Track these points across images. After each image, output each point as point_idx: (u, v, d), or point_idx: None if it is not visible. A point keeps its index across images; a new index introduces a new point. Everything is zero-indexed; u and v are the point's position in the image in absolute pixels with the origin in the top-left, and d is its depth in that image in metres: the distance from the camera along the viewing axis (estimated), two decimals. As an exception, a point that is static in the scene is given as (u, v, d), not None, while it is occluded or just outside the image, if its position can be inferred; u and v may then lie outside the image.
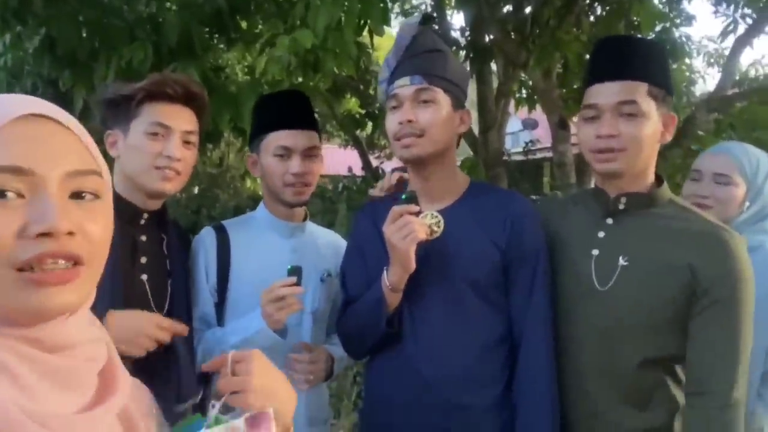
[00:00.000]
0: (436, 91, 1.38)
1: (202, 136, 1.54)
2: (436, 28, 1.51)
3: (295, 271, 1.39)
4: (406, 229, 1.27)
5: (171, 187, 1.38)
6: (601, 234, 1.34)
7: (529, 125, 9.15)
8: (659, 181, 1.35)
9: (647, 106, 1.27)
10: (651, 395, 1.29)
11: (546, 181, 9.01)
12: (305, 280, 1.54)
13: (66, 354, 0.57)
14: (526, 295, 1.36)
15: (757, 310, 1.23)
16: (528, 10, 3.08)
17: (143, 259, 1.39)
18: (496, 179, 3.43)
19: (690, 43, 4.90)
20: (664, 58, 1.38)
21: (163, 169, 1.35)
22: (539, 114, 5.02)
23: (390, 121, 1.40)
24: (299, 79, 2.46)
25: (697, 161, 1.77)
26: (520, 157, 5.93)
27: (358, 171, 5.74)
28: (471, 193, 1.46)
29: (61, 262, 0.55)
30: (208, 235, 1.62)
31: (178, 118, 1.38)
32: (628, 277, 1.28)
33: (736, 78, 4.25)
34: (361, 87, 3.67)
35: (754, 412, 1.43)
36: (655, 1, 3.67)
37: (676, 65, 4.78)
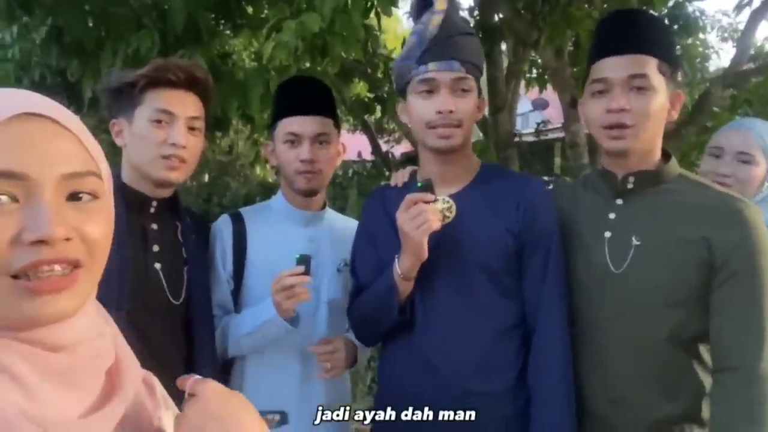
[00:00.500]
0: (471, 80, 1.36)
1: (211, 124, 1.53)
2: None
3: (304, 260, 1.38)
4: (420, 218, 1.25)
5: (177, 176, 1.37)
6: (612, 215, 1.32)
7: (539, 105, 9.05)
8: (666, 157, 1.33)
9: (657, 81, 1.25)
10: (677, 380, 1.26)
11: (557, 161, 8.93)
12: (321, 270, 1.53)
13: (70, 352, 0.55)
14: (539, 280, 1.34)
15: None
16: (538, -13, 3.02)
17: (155, 247, 1.38)
18: (508, 161, 3.40)
19: (704, 17, 4.80)
20: (671, 34, 1.37)
21: (168, 157, 1.34)
22: (549, 94, 4.95)
23: (423, 107, 1.35)
24: (307, 64, 2.44)
25: (717, 137, 1.74)
26: (531, 138, 5.86)
27: (367, 156, 5.72)
28: (482, 176, 1.44)
29: (57, 268, 0.53)
30: (224, 223, 1.62)
31: (182, 104, 1.37)
32: (642, 256, 1.26)
33: (751, 53, 4.15)
34: (369, 71, 3.62)
35: None
36: (669, -25, 3.60)
37: (690, 40, 4.69)
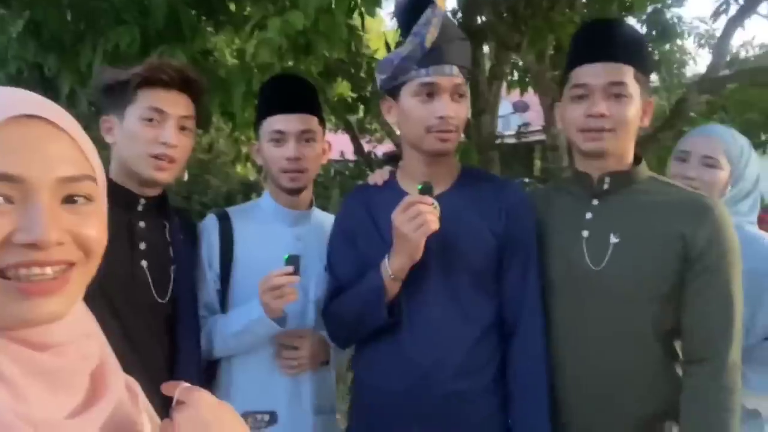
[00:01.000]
0: (465, 85, 1.38)
1: (191, 122, 1.51)
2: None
3: (293, 260, 1.38)
4: (419, 219, 1.25)
5: (164, 176, 1.36)
6: (588, 215, 1.36)
7: (519, 108, 9.12)
8: (637, 160, 1.39)
9: (634, 89, 1.30)
10: (657, 375, 1.31)
11: (538, 164, 9.01)
12: (309, 269, 1.53)
13: (57, 351, 0.55)
14: (520, 282, 1.37)
15: None
16: (520, -9, 3.04)
17: (142, 245, 1.37)
18: (490, 163, 3.42)
19: (681, 23, 4.88)
20: (646, 45, 1.43)
21: (158, 157, 1.33)
22: (529, 96, 4.99)
23: (422, 110, 1.35)
24: (290, 63, 2.43)
25: (684, 142, 1.80)
26: (512, 140, 5.91)
27: (349, 155, 5.71)
28: (464, 179, 1.46)
29: (48, 270, 0.53)
30: (211, 222, 1.61)
31: (174, 103, 1.37)
32: (621, 253, 1.29)
33: (727, 59, 4.24)
34: (352, 70, 3.61)
35: None
36: (648, -19, 3.64)
37: (668, 46, 4.77)
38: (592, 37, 1.36)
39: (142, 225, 1.39)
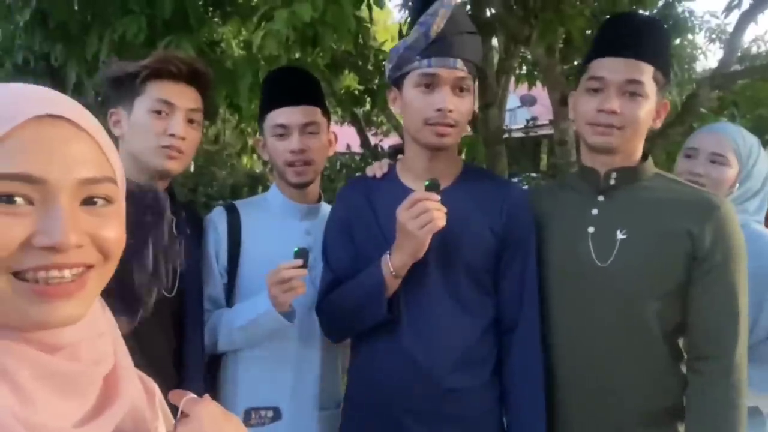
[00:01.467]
0: (470, 79, 1.35)
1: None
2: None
3: (302, 253, 1.36)
4: (425, 216, 1.23)
5: (175, 166, 1.37)
6: (594, 211, 1.35)
7: (527, 102, 9.09)
8: (644, 157, 1.38)
9: (650, 89, 1.28)
10: (663, 371, 1.30)
11: (545, 158, 8.98)
12: (318, 263, 1.52)
13: (69, 354, 0.54)
14: (519, 281, 1.37)
15: None
16: (531, -17, 3.01)
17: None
18: (497, 157, 3.40)
19: (693, 18, 4.83)
20: (669, 45, 1.40)
21: (167, 148, 1.33)
22: (537, 91, 4.96)
23: (422, 101, 1.33)
24: (297, 55, 2.41)
25: (692, 138, 1.80)
26: (520, 135, 5.88)
27: (356, 148, 5.70)
28: (466, 175, 1.45)
29: (66, 273, 0.52)
30: (219, 215, 1.60)
31: (183, 96, 1.37)
32: (628, 249, 1.29)
33: (738, 55, 4.19)
34: (359, 63, 3.59)
35: None
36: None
37: (678, 41, 4.72)
38: (617, 30, 1.33)
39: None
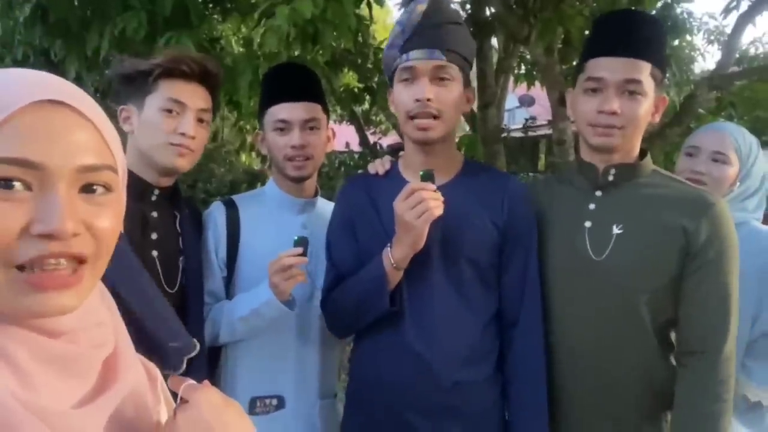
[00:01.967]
0: (453, 69, 1.34)
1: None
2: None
3: (302, 241, 1.38)
4: (421, 206, 1.24)
5: (184, 163, 1.38)
6: (591, 206, 1.37)
7: (525, 102, 9.09)
8: (642, 154, 1.40)
9: (648, 86, 1.29)
10: (652, 365, 1.32)
11: (543, 158, 8.99)
12: (315, 257, 1.53)
13: (69, 338, 0.54)
14: (521, 275, 1.38)
15: (741, 282, 1.29)
16: (530, -17, 3.01)
17: (154, 235, 1.39)
18: (495, 156, 3.40)
19: (692, 19, 4.84)
20: (665, 40, 1.40)
21: (177, 146, 1.35)
22: (535, 91, 4.97)
23: (403, 95, 1.34)
24: (297, 52, 2.41)
25: (694, 137, 1.81)
26: (518, 134, 5.89)
27: (355, 146, 5.70)
28: (467, 170, 1.46)
29: (62, 261, 0.52)
30: (217, 209, 1.61)
31: (194, 95, 1.38)
32: (623, 244, 1.30)
33: (736, 56, 4.20)
34: (359, 61, 3.59)
35: (737, 381, 1.48)
36: (659, -25, 3.61)
37: (677, 42, 4.73)
38: (613, 28, 1.33)
39: (154, 215, 1.40)
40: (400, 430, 1.36)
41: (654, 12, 3.69)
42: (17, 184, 0.51)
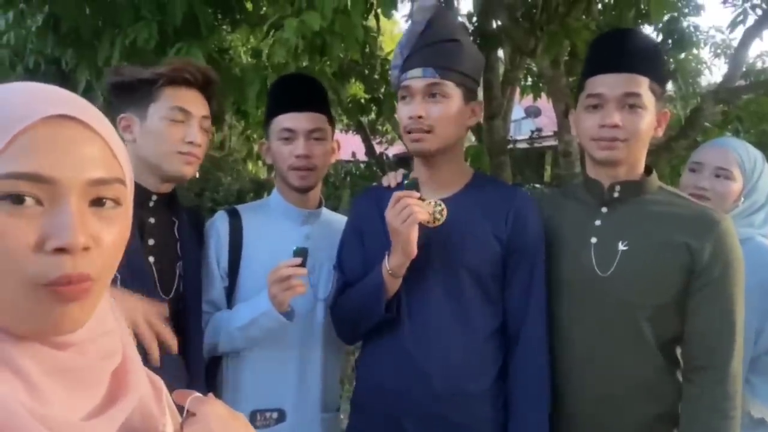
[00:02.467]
0: (447, 86, 1.37)
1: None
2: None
3: (301, 252, 1.38)
4: (405, 211, 1.28)
5: (191, 171, 1.40)
6: (597, 222, 1.38)
7: (531, 113, 9.09)
8: (648, 170, 1.41)
9: (648, 100, 1.31)
10: (657, 381, 1.33)
11: (548, 170, 8.98)
12: (318, 268, 1.53)
13: (78, 350, 0.54)
14: (525, 289, 1.38)
15: (747, 297, 1.30)
16: (537, -4, 3.03)
17: (151, 240, 1.39)
18: (501, 167, 3.41)
19: (698, 33, 4.84)
20: (662, 56, 1.43)
21: (185, 154, 1.36)
22: (541, 102, 4.97)
23: (402, 112, 1.40)
24: (304, 63, 2.44)
25: (697, 153, 1.81)
26: (524, 146, 5.89)
27: (361, 156, 5.72)
28: (475, 183, 1.47)
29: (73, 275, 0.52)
30: (220, 219, 1.62)
31: (197, 103, 1.40)
32: (629, 260, 1.31)
33: (743, 70, 4.20)
34: (366, 72, 3.62)
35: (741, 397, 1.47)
36: (665, -11, 3.61)
37: (683, 55, 4.73)
38: (608, 47, 1.37)
39: (152, 221, 1.40)
40: None
41: (660, 25, 3.70)
42: (28, 200, 0.51)
